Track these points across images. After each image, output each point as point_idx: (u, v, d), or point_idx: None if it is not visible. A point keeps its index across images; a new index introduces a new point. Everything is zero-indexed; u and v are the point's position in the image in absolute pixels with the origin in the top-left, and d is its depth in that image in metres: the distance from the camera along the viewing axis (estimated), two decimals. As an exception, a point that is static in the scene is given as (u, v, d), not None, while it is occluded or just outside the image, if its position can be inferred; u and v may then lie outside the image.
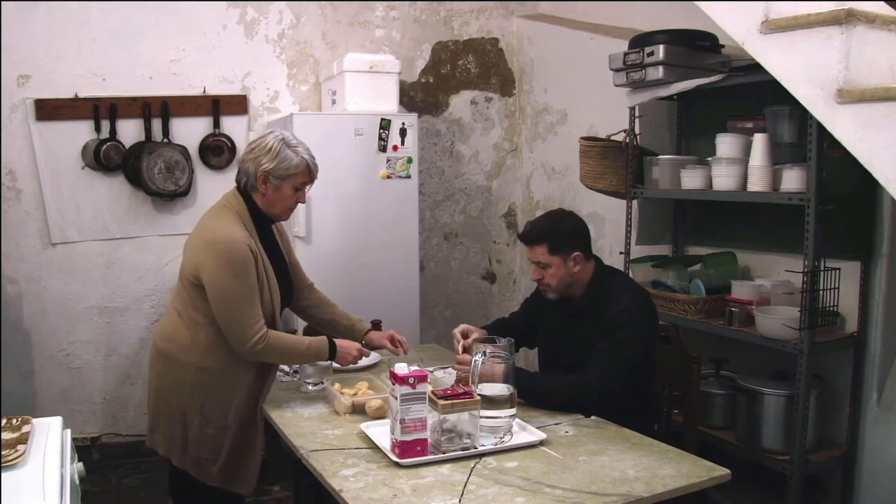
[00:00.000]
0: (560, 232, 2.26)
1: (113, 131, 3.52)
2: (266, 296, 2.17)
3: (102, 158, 3.48)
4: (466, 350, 2.30)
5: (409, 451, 1.74)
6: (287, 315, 3.50)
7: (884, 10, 1.91)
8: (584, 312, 2.29)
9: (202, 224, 2.23)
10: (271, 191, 2.18)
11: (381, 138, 3.51)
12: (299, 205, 3.37)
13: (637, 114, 3.09)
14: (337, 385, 2.25)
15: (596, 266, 2.33)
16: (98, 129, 3.50)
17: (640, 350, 2.21)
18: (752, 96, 2.74)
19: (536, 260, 2.27)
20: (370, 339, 2.46)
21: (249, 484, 2.23)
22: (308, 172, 2.22)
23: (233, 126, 3.73)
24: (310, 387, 2.36)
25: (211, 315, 2.14)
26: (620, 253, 3.21)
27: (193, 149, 3.65)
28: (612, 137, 3.15)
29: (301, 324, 3.07)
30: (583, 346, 2.21)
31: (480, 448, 1.81)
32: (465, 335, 2.35)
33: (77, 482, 1.68)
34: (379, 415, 2.05)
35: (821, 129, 2.10)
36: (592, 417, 2.09)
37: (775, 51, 1.94)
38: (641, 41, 2.84)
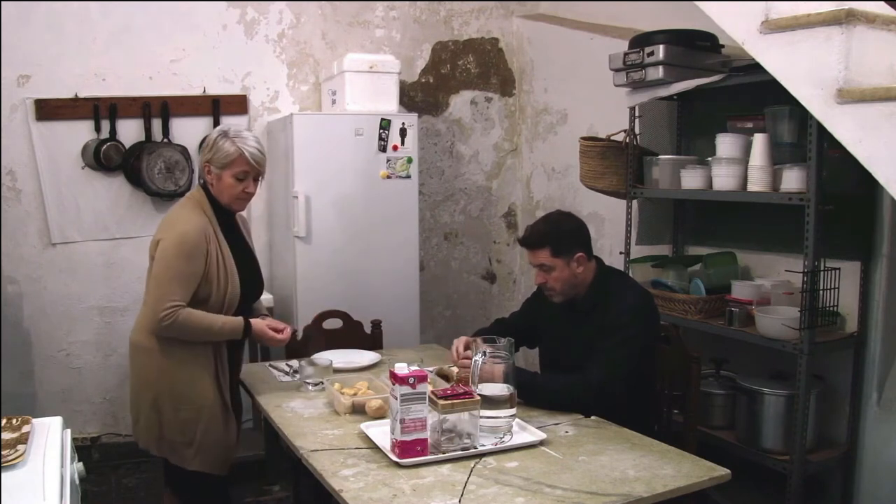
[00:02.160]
0: (561, 234, 2.26)
1: (113, 131, 3.52)
2: (221, 283, 2.27)
3: (102, 158, 3.48)
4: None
5: (409, 451, 1.74)
6: (287, 315, 3.50)
7: (884, 10, 1.91)
8: (586, 313, 2.29)
9: (165, 217, 2.37)
10: (215, 180, 2.31)
11: (381, 138, 3.51)
12: (298, 204, 3.40)
13: (637, 114, 3.09)
14: (337, 385, 2.25)
15: (598, 267, 2.33)
16: (98, 129, 3.50)
17: (641, 351, 2.21)
18: (752, 96, 2.74)
19: (539, 263, 2.27)
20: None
21: (225, 465, 2.33)
22: (245, 161, 2.28)
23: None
24: (310, 387, 2.36)
25: None
26: (620, 253, 3.21)
27: (193, 149, 3.64)
28: (612, 137, 3.15)
29: (301, 323, 3.07)
30: (584, 346, 2.21)
31: (480, 448, 1.81)
32: (466, 347, 2.34)
33: (77, 482, 1.68)
34: (379, 415, 2.05)
35: (821, 129, 2.10)
36: (592, 417, 2.09)
37: (775, 51, 1.94)
38: (641, 41, 2.84)
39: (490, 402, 1.86)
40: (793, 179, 2.48)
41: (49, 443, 1.65)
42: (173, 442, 2.27)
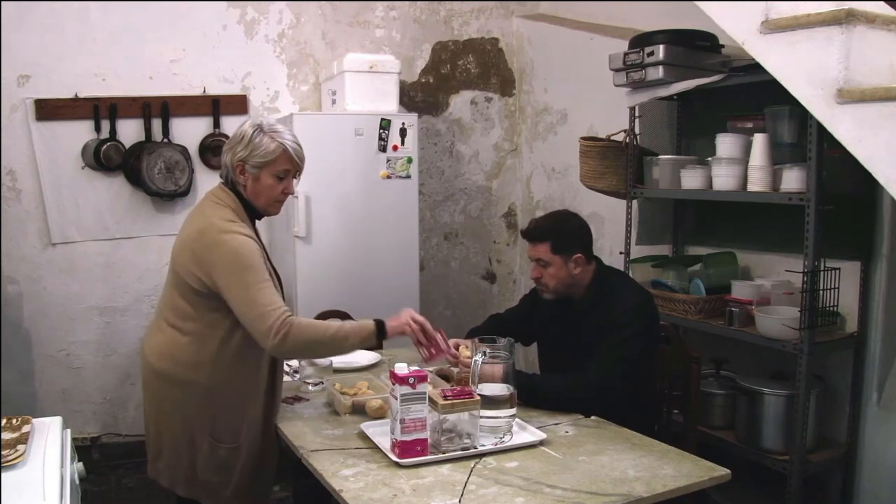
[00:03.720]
0: (564, 232, 2.28)
1: (113, 131, 3.52)
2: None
3: (102, 158, 3.48)
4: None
5: (409, 451, 1.74)
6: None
7: (884, 10, 1.90)
8: (585, 313, 2.29)
9: (199, 225, 2.02)
10: (251, 181, 2.03)
11: (381, 138, 3.51)
12: (298, 204, 3.39)
13: (637, 114, 3.09)
14: (337, 385, 2.25)
15: (596, 267, 2.33)
16: (98, 129, 3.50)
17: (641, 350, 2.21)
18: (752, 96, 2.74)
19: (538, 257, 2.28)
20: None
21: (265, 498, 2.16)
22: (288, 158, 2.03)
23: (233, 126, 3.71)
24: (310, 387, 2.36)
25: (221, 324, 2.00)
26: (620, 253, 3.21)
27: (193, 149, 3.65)
28: (612, 137, 3.15)
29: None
30: (584, 346, 2.21)
31: (480, 448, 1.81)
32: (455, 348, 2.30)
33: (77, 482, 1.68)
34: (379, 415, 2.05)
35: (821, 129, 2.10)
36: (592, 417, 2.09)
37: (775, 51, 1.94)
38: (641, 41, 2.84)
39: (490, 402, 1.85)
40: (793, 179, 2.48)
41: (49, 443, 1.66)
42: (209, 483, 2.05)
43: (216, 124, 3.69)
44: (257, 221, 2.14)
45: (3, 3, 3.26)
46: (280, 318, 1.90)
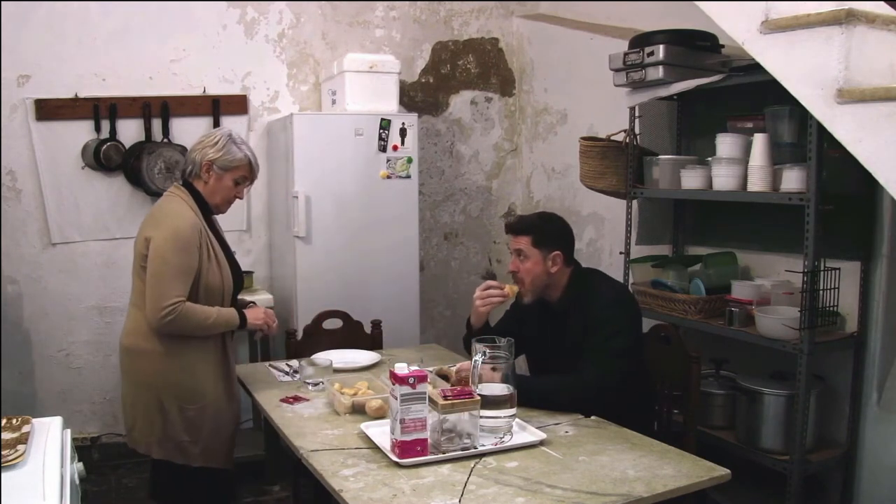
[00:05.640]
0: (547, 228, 2.32)
1: (113, 131, 3.52)
2: (216, 276, 2.32)
3: (102, 158, 3.48)
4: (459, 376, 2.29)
5: (409, 451, 1.74)
6: (287, 315, 3.50)
7: (884, 10, 1.91)
8: (566, 315, 2.30)
9: (151, 214, 2.38)
10: (214, 180, 2.35)
11: (381, 138, 3.51)
12: (298, 204, 3.41)
13: (637, 114, 3.09)
14: (337, 385, 2.25)
15: (573, 269, 2.35)
16: (98, 129, 3.50)
17: (630, 341, 2.22)
18: (752, 96, 2.74)
19: (518, 248, 2.31)
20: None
21: (230, 458, 2.41)
22: (249, 168, 2.39)
23: (233, 126, 3.66)
24: (310, 387, 2.36)
25: None
26: (620, 253, 3.21)
27: (194, 149, 3.65)
28: (612, 137, 3.15)
29: (301, 323, 3.08)
30: (571, 348, 2.22)
31: (480, 448, 1.81)
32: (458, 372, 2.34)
33: (77, 482, 1.68)
34: (379, 415, 2.05)
35: (821, 129, 2.10)
36: (592, 417, 2.09)
37: (775, 51, 1.94)
38: (641, 41, 2.84)
39: (490, 402, 1.86)
40: (793, 179, 2.48)
41: (49, 443, 1.65)
42: (179, 442, 2.30)
43: (216, 124, 3.68)
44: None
45: (3, 3, 3.26)
46: (173, 306, 2.19)
